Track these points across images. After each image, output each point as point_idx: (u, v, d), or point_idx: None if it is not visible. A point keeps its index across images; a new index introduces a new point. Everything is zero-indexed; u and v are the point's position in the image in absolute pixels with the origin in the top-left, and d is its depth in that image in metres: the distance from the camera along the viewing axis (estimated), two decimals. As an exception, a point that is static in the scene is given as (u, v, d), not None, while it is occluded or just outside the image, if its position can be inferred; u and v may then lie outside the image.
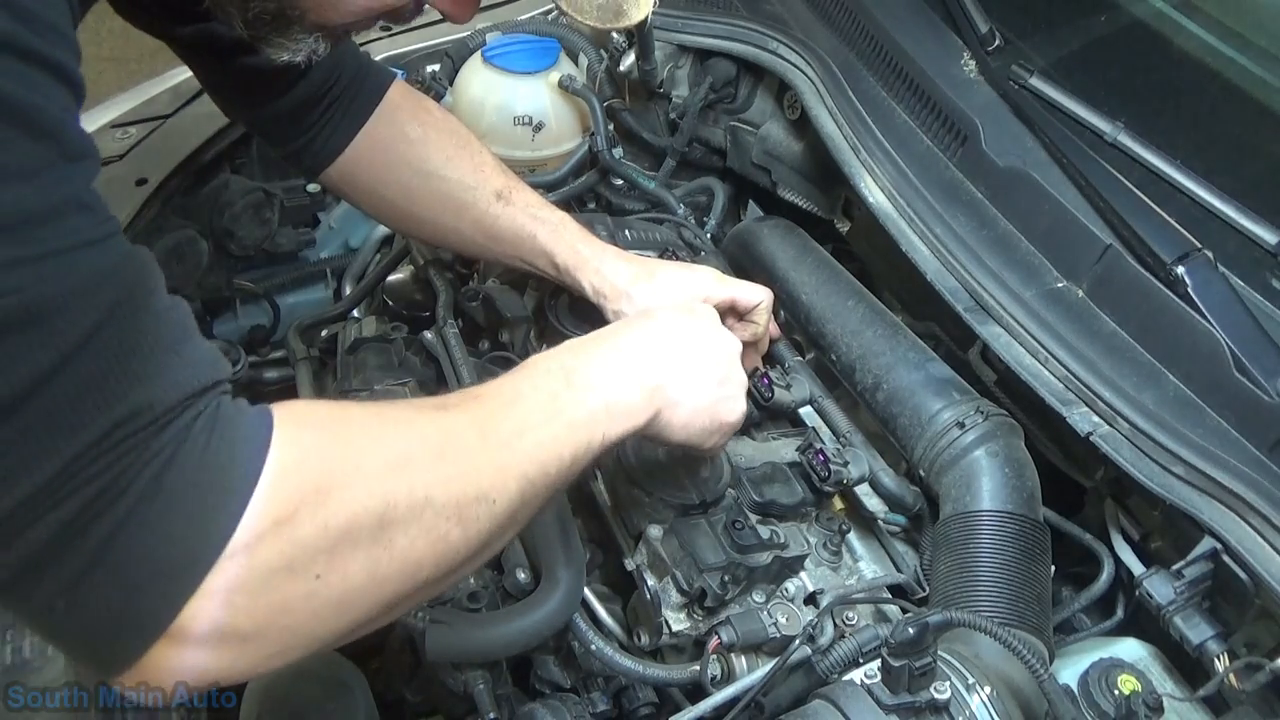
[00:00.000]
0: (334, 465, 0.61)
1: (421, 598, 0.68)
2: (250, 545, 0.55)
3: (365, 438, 0.64)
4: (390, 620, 0.67)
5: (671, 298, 1.13)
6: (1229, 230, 1.01)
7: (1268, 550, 0.85)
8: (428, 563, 0.64)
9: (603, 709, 0.99)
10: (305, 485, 0.59)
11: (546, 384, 0.77)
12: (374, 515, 0.61)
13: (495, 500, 0.68)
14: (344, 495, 0.60)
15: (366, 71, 1.13)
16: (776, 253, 1.33)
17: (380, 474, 0.62)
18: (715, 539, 0.96)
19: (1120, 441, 0.95)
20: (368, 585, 0.61)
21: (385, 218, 1.26)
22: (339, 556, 0.59)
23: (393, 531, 0.62)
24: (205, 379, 0.56)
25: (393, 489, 0.62)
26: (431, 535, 0.64)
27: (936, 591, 0.96)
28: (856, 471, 1.07)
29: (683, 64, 1.53)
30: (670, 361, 0.85)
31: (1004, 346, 1.06)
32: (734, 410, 0.91)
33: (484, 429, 0.70)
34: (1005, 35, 1.24)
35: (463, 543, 0.66)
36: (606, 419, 0.78)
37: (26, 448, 0.49)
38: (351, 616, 0.62)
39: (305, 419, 0.62)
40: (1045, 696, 0.78)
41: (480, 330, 1.31)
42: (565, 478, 0.75)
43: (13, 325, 0.47)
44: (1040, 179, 1.11)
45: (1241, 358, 0.92)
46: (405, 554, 0.62)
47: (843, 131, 1.28)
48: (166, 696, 0.58)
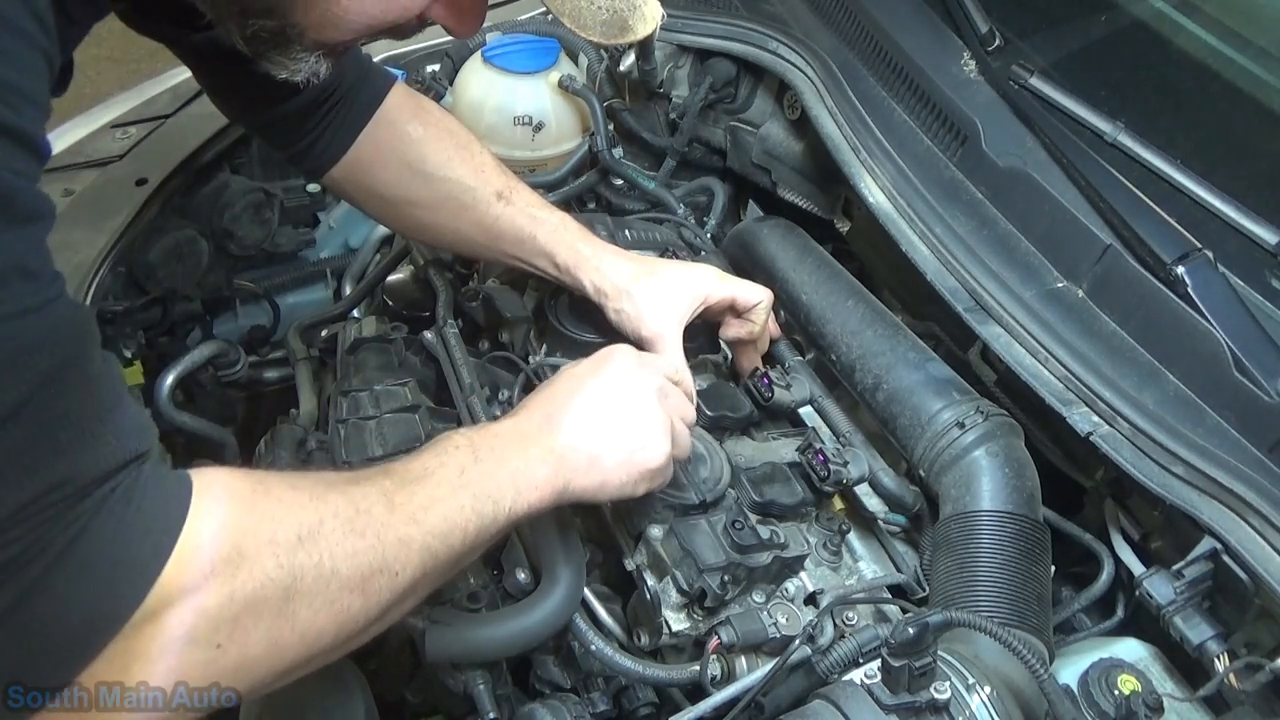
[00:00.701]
0: (247, 537, 0.63)
1: (317, 665, 0.69)
2: (155, 614, 0.57)
3: (280, 509, 0.66)
4: (294, 678, 0.69)
5: (671, 295, 1.13)
6: (1229, 230, 1.01)
7: (1268, 550, 0.85)
8: (328, 633, 0.67)
9: (603, 709, 0.99)
10: (217, 556, 0.61)
11: (455, 460, 0.79)
12: (280, 587, 0.63)
13: (398, 573, 0.70)
14: (253, 567, 0.62)
15: (368, 74, 1.14)
16: (777, 253, 1.33)
17: (291, 547, 0.65)
18: (715, 539, 0.96)
19: (1120, 441, 0.95)
20: (267, 654, 0.64)
21: (387, 219, 1.27)
22: (241, 628, 0.62)
23: (297, 603, 0.64)
24: (130, 451, 0.58)
25: (301, 562, 0.65)
26: (334, 607, 0.66)
27: (936, 591, 0.96)
28: (856, 471, 1.07)
29: (683, 64, 1.53)
30: (574, 427, 0.86)
31: (1004, 346, 1.06)
32: (654, 456, 0.89)
33: (393, 502, 0.73)
34: (1005, 35, 1.24)
35: (362, 613, 0.69)
36: (513, 493, 0.80)
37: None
38: (247, 683, 0.64)
39: (223, 490, 0.64)
40: (1045, 696, 0.78)
41: (480, 330, 1.31)
42: (468, 551, 0.77)
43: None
44: (1040, 179, 1.11)
45: (1241, 358, 0.92)
46: (307, 625, 0.65)
47: (843, 131, 1.28)
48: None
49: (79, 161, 1.43)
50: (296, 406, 1.32)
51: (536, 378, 1.19)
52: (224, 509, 0.63)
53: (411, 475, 0.76)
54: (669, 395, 0.92)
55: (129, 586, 0.57)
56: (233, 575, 0.61)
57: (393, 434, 1.12)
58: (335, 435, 1.13)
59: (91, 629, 0.56)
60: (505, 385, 1.21)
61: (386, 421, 1.13)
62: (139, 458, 0.59)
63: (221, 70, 1.04)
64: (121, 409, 0.59)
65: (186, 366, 1.32)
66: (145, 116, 1.49)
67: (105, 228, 1.31)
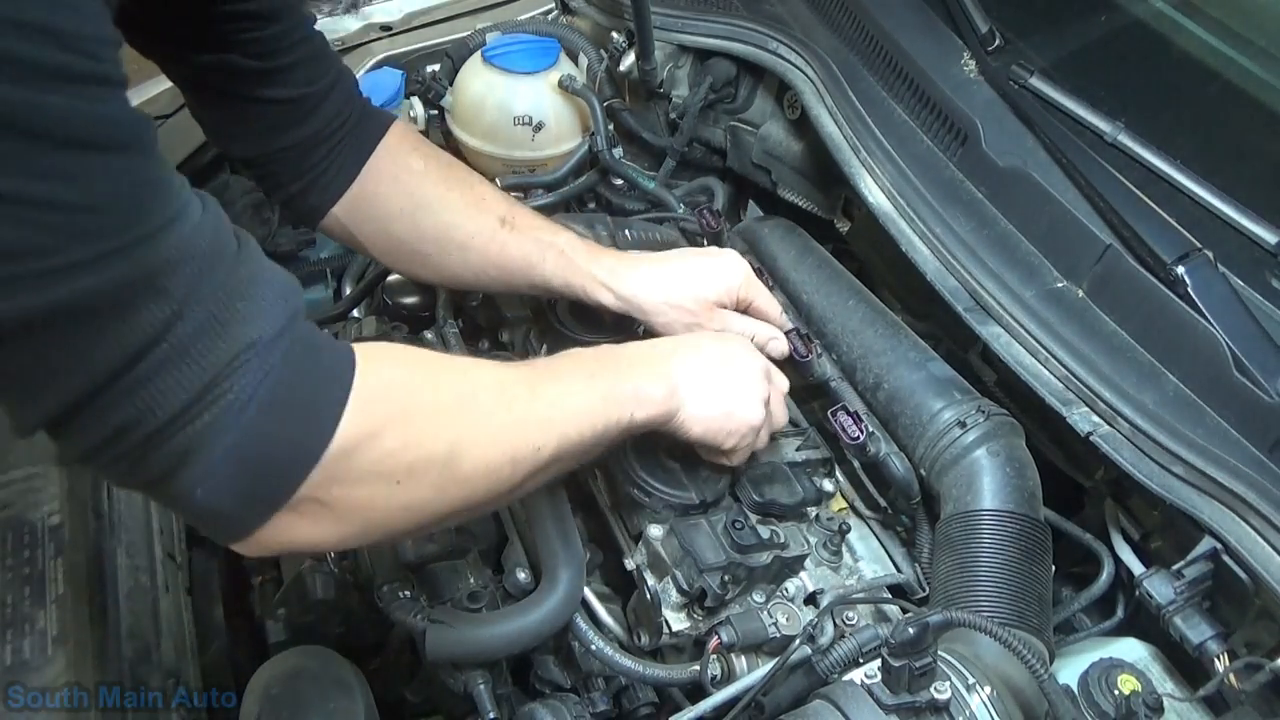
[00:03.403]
0: (413, 394, 0.74)
1: (468, 518, 0.82)
2: (347, 450, 0.67)
3: (437, 376, 0.78)
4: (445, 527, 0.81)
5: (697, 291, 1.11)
6: (1229, 230, 1.01)
7: (1268, 550, 0.85)
8: (481, 490, 0.76)
9: (603, 709, 0.99)
10: (391, 408, 0.71)
11: (585, 366, 0.90)
12: (446, 442, 0.73)
13: (539, 448, 0.79)
14: (423, 421, 0.73)
15: (369, 112, 1.12)
16: (777, 253, 1.33)
17: (451, 409, 0.75)
18: (715, 539, 0.96)
19: (1120, 441, 0.95)
20: (434, 499, 0.74)
21: (391, 255, 1.19)
22: (415, 471, 0.71)
23: (459, 460, 0.74)
24: (292, 307, 0.67)
25: (461, 423, 0.75)
26: (488, 467, 0.76)
27: (937, 591, 0.96)
28: (874, 448, 1.05)
29: (683, 64, 1.53)
30: (689, 370, 0.95)
31: (1004, 346, 1.06)
32: (750, 416, 0.99)
33: (534, 387, 0.82)
34: (1005, 35, 1.24)
35: (510, 479, 0.78)
36: (634, 402, 0.89)
37: (164, 378, 0.59)
38: (416, 521, 0.75)
39: (385, 353, 0.76)
40: (1045, 696, 0.78)
41: (480, 330, 1.31)
42: (594, 445, 0.86)
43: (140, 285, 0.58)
44: (1040, 179, 1.11)
45: (1241, 358, 0.92)
46: (467, 479, 0.75)
47: (843, 131, 1.28)
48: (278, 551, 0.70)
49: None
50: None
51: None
52: (388, 371, 0.73)
53: (549, 371, 0.88)
54: (772, 378, 1.04)
55: (321, 423, 0.66)
56: (405, 424, 0.71)
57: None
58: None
59: (297, 458, 0.65)
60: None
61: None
62: (298, 312, 0.67)
63: (225, 102, 1.02)
64: (274, 273, 0.68)
65: (187, 366, 1.32)
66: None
67: (105, 228, 1.31)
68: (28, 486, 1.01)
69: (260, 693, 0.92)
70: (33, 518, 0.98)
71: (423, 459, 0.72)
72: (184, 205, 0.62)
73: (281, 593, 1.12)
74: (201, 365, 0.60)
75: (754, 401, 0.99)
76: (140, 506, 1.09)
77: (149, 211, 0.59)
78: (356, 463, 0.68)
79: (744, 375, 1.00)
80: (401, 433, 0.71)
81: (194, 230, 0.61)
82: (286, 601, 1.10)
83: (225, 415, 0.62)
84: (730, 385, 0.98)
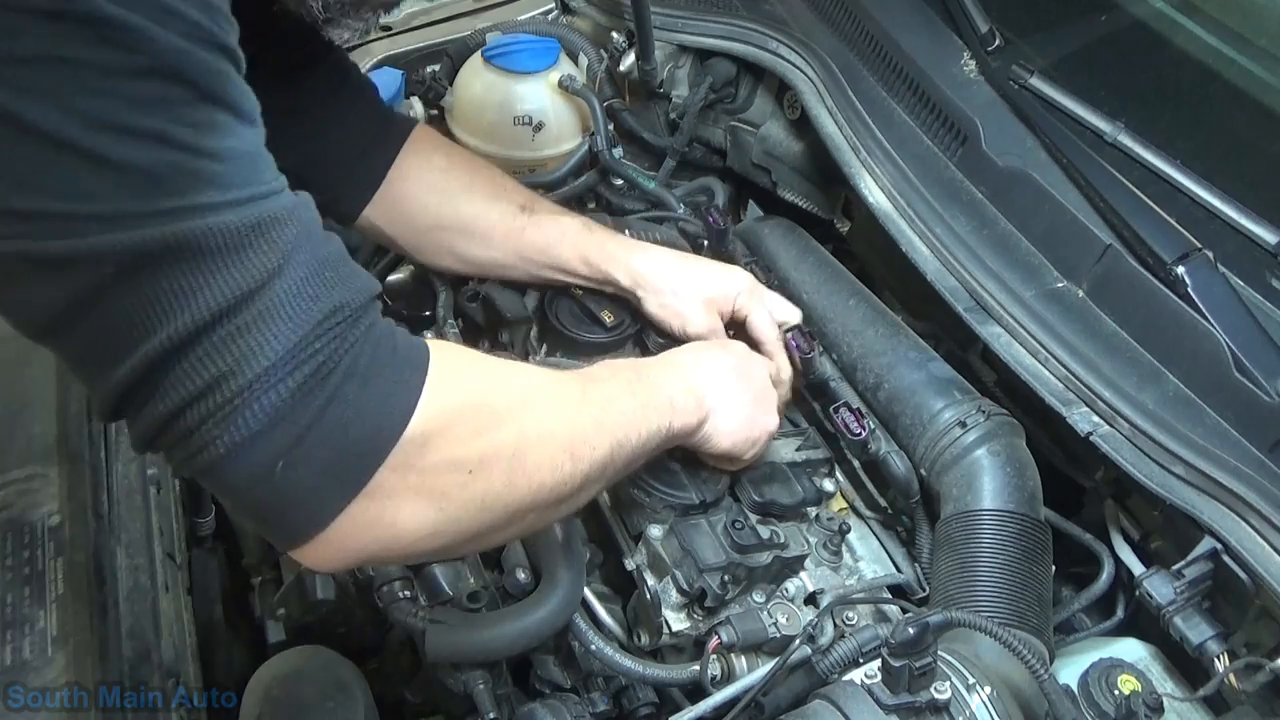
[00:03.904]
0: (480, 387, 0.76)
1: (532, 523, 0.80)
2: (424, 433, 0.68)
3: (498, 371, 0.81)
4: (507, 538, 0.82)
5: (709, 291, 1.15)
6: (1229, 230, 1.00)
7: (1268, 550, 0.85)
8: (546, 488, 0.77)
9: (603, 709, 0.99)
10: (463, 397, 0.73)
11: (621, 375, 0.91)
12: (512, 434, 0.75)
13: (595, 447, 0.81)
14: (490, 413, 0.74)
15: (390, 116, 1.19)
16: (778, 253, 1.33)
17: (514, 403, 0.77)
18: (715, 539, 0.96)
19: (1120, 441, 0.95)
20: (503, 493, 0.74)
21: (420, 249, 1.24)
22: (486, 462, 0.72)
23: (525, 453, 0.75)
24: (374, 288, 0.68)
25: (524, 417, 0.77)
26: (553, 463, 0.77)
27: (937, 591, 0.96)
28: (875, 445, 1.07)
29: (683, 64, 1.53)
30: (714, 382, 0.98)
31: (1004, 346, 1.06)
32: (768, 424, 1.03)
33: (583, 391, 0.85)
34: (1005, 35, 1.24)
35: (570, 479, 0.79)
36: (670, 411, 0.91)
37: (261, 331, 0.60)
38: (487, 520, 0.74)
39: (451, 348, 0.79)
40: (1045, 696, 0.78)
41: (480, 330, 1.31)
42: (636, 454, 0.87)
43: (253, 233, 0.60)
44: (1040, 179, 1.10)
45: (1241, 358, 0.92)
46: (532, 474, 0.76)
47: (843, 131, 1.28)
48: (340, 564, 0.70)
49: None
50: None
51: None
52: (458, 361, 0.76)
53: (591, 378, 0.89)
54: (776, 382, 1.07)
55: (401, 401, 0.67)
56: (475, 414, 0.73)
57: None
58: (335, 435, 1.13)
59: (380, 432, 0.66)
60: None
61: (386, 421, 1.13)
62: (378, 295, 0.69)
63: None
64: (349, 257, 0.69)
65: (187, 366, 1.32)
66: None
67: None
68: (28, 486, 1.01)
69: (260, 693, 0.92)
70: (33, 518, 0.98)
71: (491, 450, 0.73)
72: (284, 181, 0.65)
73: (281, 593, 1.12)
74: (294, 322, 0.61)
75: (771, 409, 1.04)
76: (140, 506, 1.09)
77: (263, 176, 0.63)
78: (432, 448, 0.68)
79: (760, 383, 1.04)
80: (472, 422, 0.72)
81: (297, 200, 0.65)
82: (286, 601, 1.10)
83: (314, 377, 0.62)
84: (749, 395, 1.01)
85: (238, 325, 0.59)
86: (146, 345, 0.58)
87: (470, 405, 0.73)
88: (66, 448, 1.05)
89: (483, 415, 0.74)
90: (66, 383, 1.12)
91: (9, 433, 1.06)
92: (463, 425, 0.71)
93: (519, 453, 0.75)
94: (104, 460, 1.10)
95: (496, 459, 0.73)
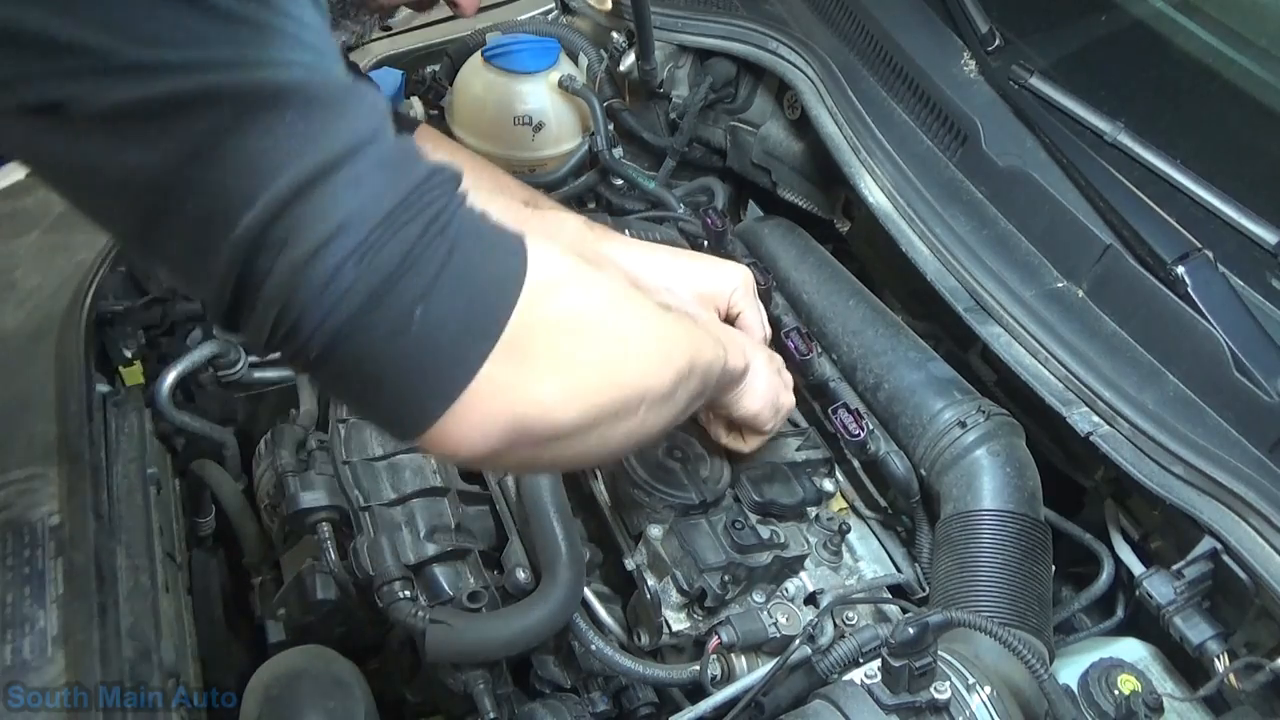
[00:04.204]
0: (578, 265, 0.74)
1: (642, 422, 0.76)
2: (540, 288, 0.67)
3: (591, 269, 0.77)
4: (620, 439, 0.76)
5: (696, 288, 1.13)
6: (1229, 230, 1.00)
7: (1268, 550, 0.85)
8: (651, 374, 0.76)
9: (603, 709, 0.99)
10: (565, 267, 0.71)
11: (677, 311, 0.91)
12: (613, 313, 0.74)
13: (681, 352, 0.80)
14: (592, 286, 0.74)
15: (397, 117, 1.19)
16: (778, 253, 1.33)
17: (607, 283, 0.76)
18: (715, 539, 0.96)
19: (1120, 441, 0.95)
20: (616, 369, 0.73)
21: None
22: (594, 328, 0.72)
23: (625, 329, 0.75)
24: (457, 167, 0.67)
25: (619, 298, 0.76)
26: (649, 350, 0.77)
27: (937, 591, 0.96)
28: (874, 446, 1.06)
29: (683, 64, 1.53)
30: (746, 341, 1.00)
31: (1004, 346, 1.06)
32: (788, 399, 1.05)
33: (658, 306, 0.84)
34: (1005, 35, 1.24)
35: (662, 372, 0.77)
36: (725, 349, 0.90)
37: (377, 177, 0.60)
38: (607, 389, 0.72)
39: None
40: (1045, 696, 0.78)
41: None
42: (705, 383, 0.85)
43: (352, 96, 0.61)
44: (1040, 179, 1.11)
45: (1241, 358, 0.92)
46: (636, 357, 0.75)
47: (843, 131, 1.28)
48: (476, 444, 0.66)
49: (79, 161, 1.43)
50: (296, 406, 1.32)
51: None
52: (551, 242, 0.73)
53: (659, 302, 0.87)
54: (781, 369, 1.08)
55: (514, 258, 0.67)
56: (578, 281, 0.72)
57: (393, 434, 1.12)
58: (335, 434, 1.13)
59: (505, 281, 0.65)
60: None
61: (387, 421, 1.13)
62: (460, 173, 0.68)
63: None
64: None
65: (186, 366, 1.32)
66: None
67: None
68: (28, 486, 1.01)
69: (260, 693, 0.92)
70: (33, 518, 0.98)
71: (597, 319, 0.73)
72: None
73: (281, 593, 1.12)
74: (406, 172, 0.62)
75: (789, 388, 1.06)
76: (140, 506, 1.09)
77: (338, 60, 0.63)
78: (550, 305, 0.68)
79: (778, 360, 1.07)
80: (579, 287, 0.72)
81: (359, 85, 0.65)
82: (286, 601, 1.10)
83: (434, 224, 0.62)
84: (773, 368, 1.03)
85: (356, 172, 0.59)
86: (271, 188, 0.57)
87: (573, 273, 0.73)
88: (66, 448, 1.05)
89: (584, 282, 0.73)
90: (67, 383, 1.12)
91: (9, 433, 1.06)
92: (570, 289, 0.71)
93: (620, 331, 0.74)
94: (104, 460, 1.10)
95: (601, 329, 0.73)
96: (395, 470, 1.10)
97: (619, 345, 0.74)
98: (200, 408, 1.39)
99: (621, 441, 0.77)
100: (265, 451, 1.22)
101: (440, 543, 1.03)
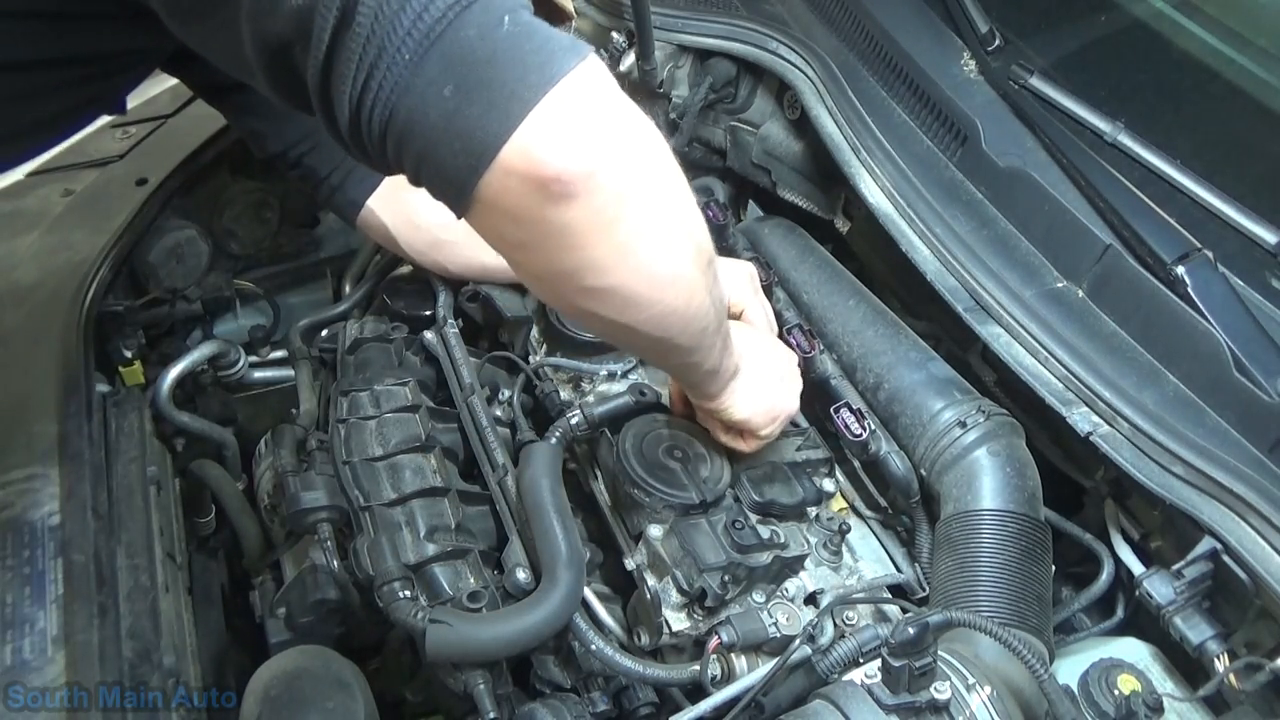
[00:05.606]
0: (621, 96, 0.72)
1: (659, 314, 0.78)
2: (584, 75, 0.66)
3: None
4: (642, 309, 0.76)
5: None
6: (1229, 230, 1.00)
7: (1268, 550, 0.85)
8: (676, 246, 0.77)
9: (603, 709, 0.99)
10: (609, 85, 0.69)
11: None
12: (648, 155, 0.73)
13: (708, 257, 0.81)
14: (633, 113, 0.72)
15: None
16: (778, 253, 1.33)
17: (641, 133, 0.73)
18: (715, 539, 0.96)
19: (1120, 441, 0.95)
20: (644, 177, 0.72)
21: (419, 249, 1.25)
22: (630, 140, 0.71)
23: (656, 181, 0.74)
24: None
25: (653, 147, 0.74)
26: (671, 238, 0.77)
27: (937, 591, 0.96)
28: (875, 446, 1.07)
29: (683, 64, 1.53)
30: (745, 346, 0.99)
31: (1004, 346, 1.06)
32: (790, 404, 1.05)
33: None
34: (1005, 35, 1.24)
35: (682, 267, 0.78)
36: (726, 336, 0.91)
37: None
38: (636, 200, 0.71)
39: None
40: (1045, 696, 0.78)
41: (480, 330, 1.31)
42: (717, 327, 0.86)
43: None
44: (1040, 179, 1.11)
45: (1241, 358, 0.92)
46: (667, 216, 0.75)
47: (843, 131, 1.27)
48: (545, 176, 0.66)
49: (79, 161, 1.43)
50: (296, 406, 1.32)
51: (536, 378, 1.19)
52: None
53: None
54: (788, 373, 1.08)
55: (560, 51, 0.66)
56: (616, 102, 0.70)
57: (393, 433, 1.12)
58: (335, 435, 1.13)
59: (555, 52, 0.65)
60: (505, 385, 1.21)
61: (386, 421, 1.13)
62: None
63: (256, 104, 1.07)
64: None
65: (186, 366, 1.32)
66: (145, 116, 1.49)
67: (105, 228, 1.31)
68: (28, 486, 1.01)
69: (260, 693, 0.92)
70: (33, 518, 0.98)
71: (632, 139, 0.71)
72: None
73: (281, 593, 1.12)
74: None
75: (794, 392, 1.06)
76: (140, 506, 1.09)
77: None
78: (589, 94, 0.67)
79: (787, 365, 1.06)
80: (615, 100, 0.70)
81: None
82: (286, 601, 1.10)
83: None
84: (776, 372, 1.04)
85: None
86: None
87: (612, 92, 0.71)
88: (66, 448, 1.05)
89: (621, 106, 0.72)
90: (67, 383, 1.12)
91: (9, 433, 1.06)
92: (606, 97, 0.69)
93: (652, 179, 0.74)
94: (104, 460, 1.10)
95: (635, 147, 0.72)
96: (395, 470, 1.10)
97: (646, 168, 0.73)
98: (200, 408, 1.39)
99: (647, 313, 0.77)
100: (265, 451, 1.22)
101: (440, 543, 1.03)
